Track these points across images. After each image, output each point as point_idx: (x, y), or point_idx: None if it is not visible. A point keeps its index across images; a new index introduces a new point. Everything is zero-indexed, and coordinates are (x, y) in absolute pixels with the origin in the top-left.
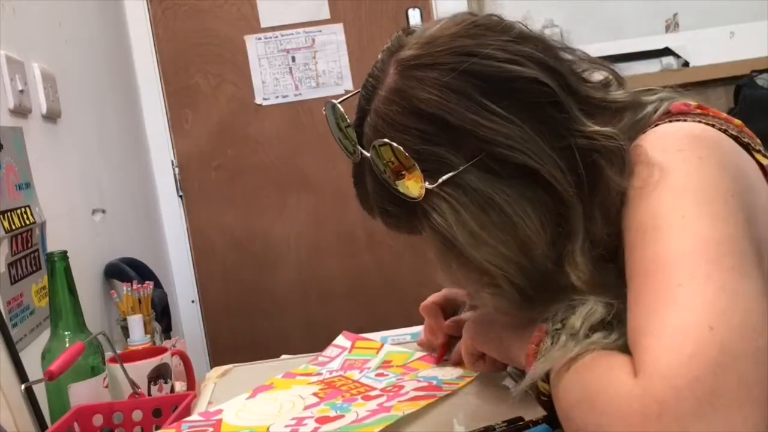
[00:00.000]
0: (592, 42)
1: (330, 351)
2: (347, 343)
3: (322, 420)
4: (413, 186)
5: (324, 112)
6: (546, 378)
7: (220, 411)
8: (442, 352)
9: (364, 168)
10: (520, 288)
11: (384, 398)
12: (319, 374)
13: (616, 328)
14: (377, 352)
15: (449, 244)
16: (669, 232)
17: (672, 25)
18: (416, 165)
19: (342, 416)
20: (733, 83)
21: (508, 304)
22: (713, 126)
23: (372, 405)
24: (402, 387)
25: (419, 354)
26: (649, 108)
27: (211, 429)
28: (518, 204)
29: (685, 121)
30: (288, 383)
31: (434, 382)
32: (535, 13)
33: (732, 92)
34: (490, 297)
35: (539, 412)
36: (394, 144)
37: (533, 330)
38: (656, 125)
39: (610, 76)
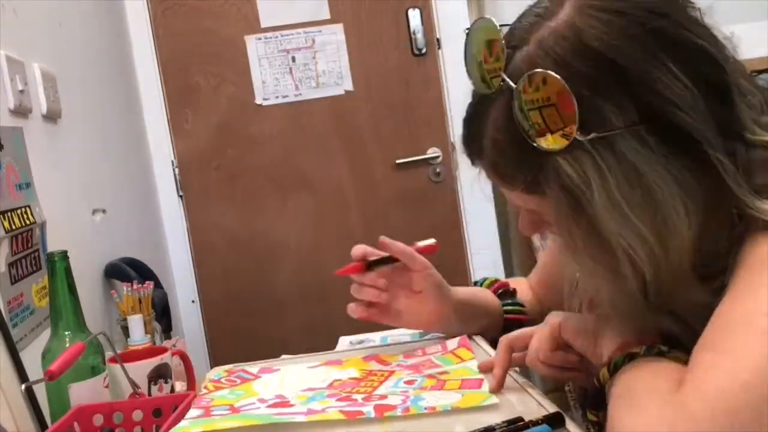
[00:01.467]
0: None
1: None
2: (450, 346)
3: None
4: (562, 136)
5: (465, 31)
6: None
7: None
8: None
9: (492, 102)
10: (643, 285)
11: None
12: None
13: None
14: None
15: (580, 208)
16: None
17: None
18: (576, 109)
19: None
20: None
21: (624, 301)
22: None
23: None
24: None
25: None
26: None
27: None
28: (669, 185)
29: None
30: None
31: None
32: None
33: None
34: (606, 286)
35: (539, 413)
36: (556, 76)
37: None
38: None
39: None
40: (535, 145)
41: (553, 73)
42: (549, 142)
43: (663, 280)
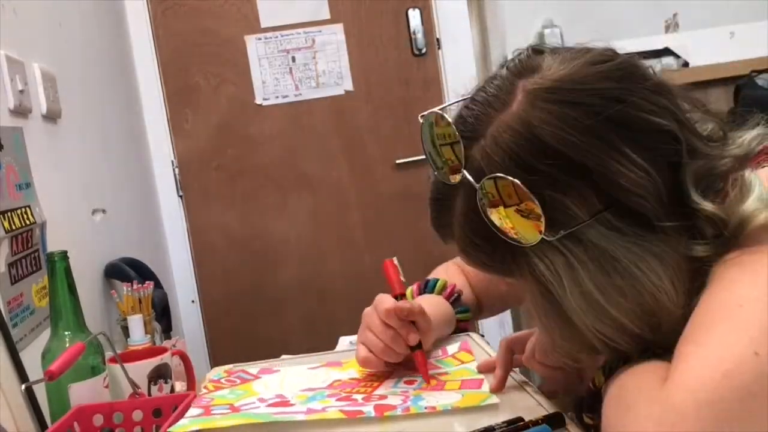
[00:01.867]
0: (591, 42)
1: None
2: (451, 350)
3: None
4: (530, 232)
5: (420, 121)
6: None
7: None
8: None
9: (456, 193)
10: (628, 351)
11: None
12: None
13: None
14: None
15: (554, 301)
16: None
17: (672, 26)
18: (541, 212)
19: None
20: (732, 83)
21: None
22: None
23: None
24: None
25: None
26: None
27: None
28: (648, 262)
29: None
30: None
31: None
32: (535, 13)
33: (732, 92)
34: (586, 356)
35: (539, 413)
36: (519, 183)
37: None
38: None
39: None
40: (506, 239)
41: (515, 180)
42: (526, 238)
43: (657, 342)
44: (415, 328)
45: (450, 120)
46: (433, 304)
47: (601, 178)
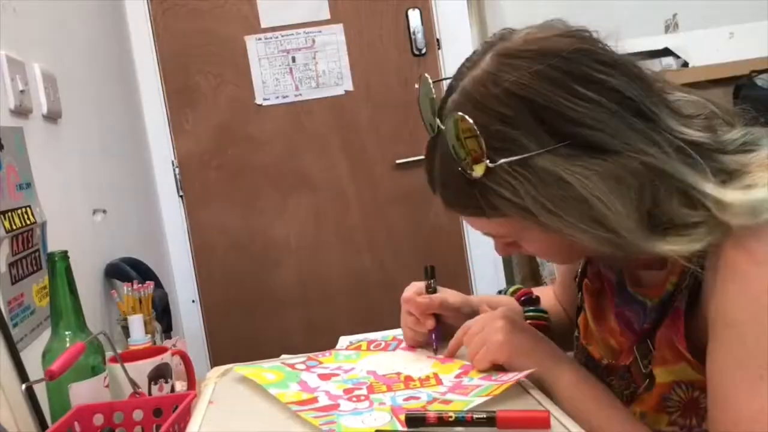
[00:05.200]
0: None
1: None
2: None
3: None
4: (479, 164)
5: (416, 86)
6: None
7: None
8: (438, 337)
9: (437, 142)
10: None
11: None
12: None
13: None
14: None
15: (525, 220)
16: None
17: (671, 26)
18: (483, 142)
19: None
20: (732, 83)
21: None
22: None
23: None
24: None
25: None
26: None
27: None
28: (596, 186)
29: None
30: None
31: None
32: (536, 13)
33: (731, 92)
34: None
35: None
36: (467, 118)
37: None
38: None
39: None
40: (465, 174)
41: (463, 115)
42: (474, 171)
43: (623, 245)
44: (432, 316)
45: (431, 82)
46: (495, 300)
47: (552, 115)
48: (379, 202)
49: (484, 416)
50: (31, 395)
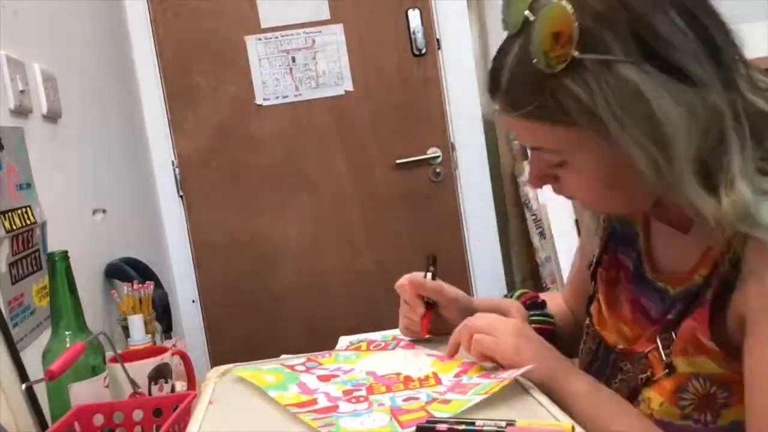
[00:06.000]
0: None
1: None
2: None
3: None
4: (563, 55)
5: None
6: None
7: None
8: (426, 324)
9: (514, 40)
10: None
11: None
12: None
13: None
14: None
15: (589, 123)
16: None
17: None
18: (577, 35)
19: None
20: None
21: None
22: None
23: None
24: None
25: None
26: None
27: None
28: (668, 103)
29: None
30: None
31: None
32: None
33: None
34: (621, 197)
35: (539, 413)
36: (566, 5)
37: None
38: None
39: None
40: (547, 69)
41: (562, 3)
42: (555, 64)
43: (670, 181)
44: (422, 301)
45: None
46: (495, 303)
47: (644, 28)
48: (379, 202)
49: (494, 428)
50: (31, 395)
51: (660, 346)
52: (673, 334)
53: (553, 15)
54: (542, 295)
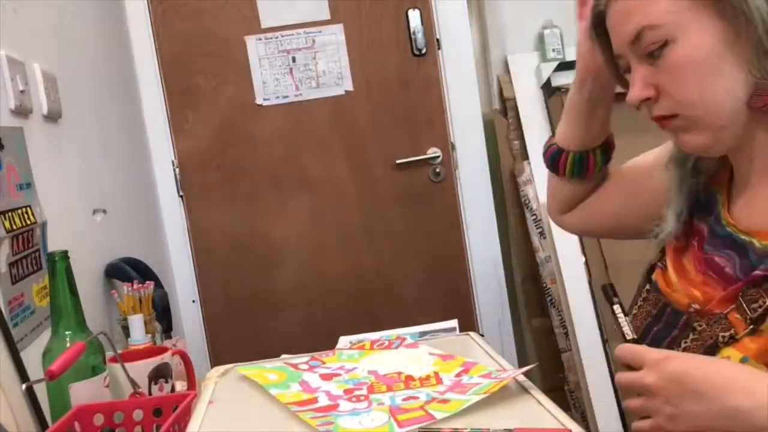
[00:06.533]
0: None
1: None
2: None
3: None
4: None
5: None
6: None
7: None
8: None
9: None
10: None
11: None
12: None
13: None
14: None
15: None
16: None
17: None
18: None
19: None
20: None
21: (728, 108)
22: None
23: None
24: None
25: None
26: None
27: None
28: None
29: None
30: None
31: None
32: (536, 13)
33: None
34: (717, 93)
35: (540, 414)
36: None
37: None
38: None
39: None
40: None
41: None
42: None
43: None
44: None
45: None
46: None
47: None
48: (379, 202)
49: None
50: (31, 395)
51: (744, 304)
52: (761, 291)
53: None
54: None
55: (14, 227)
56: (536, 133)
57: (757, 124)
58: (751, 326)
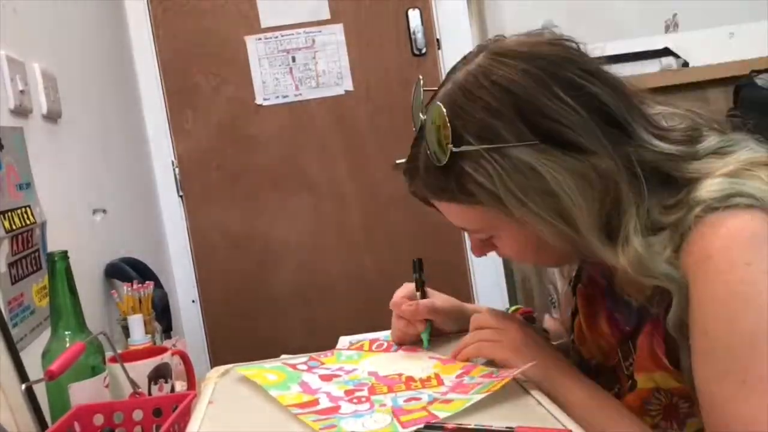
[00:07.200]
0: (591, 42)
1: None
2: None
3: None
4: (443, 149)
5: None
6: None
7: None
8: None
9: (422, 133)
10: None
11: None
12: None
13: None
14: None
15: (496, 204)
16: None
17: (671, 26)
18: (462, 126)
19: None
20: (732, 84)
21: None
22: None
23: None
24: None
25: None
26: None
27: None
28: (562, 176)
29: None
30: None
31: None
32: (536, 13)
33: (731, 93)
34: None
35: (539, 413)
36: (441, 105)
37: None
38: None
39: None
40: (440, 159)
41: (438, 103)
42: (447, 155)
43: (580, 245)
44: (421, 322)
45: (422, 84)
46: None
47: (533, 111)
48: (379, 202)
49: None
50: (31, 395)
51: (621, 358)
52: (631, 346)
53: (437, 115)
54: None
55: (14, 227)
56: None
57: None
58: (630, 381)
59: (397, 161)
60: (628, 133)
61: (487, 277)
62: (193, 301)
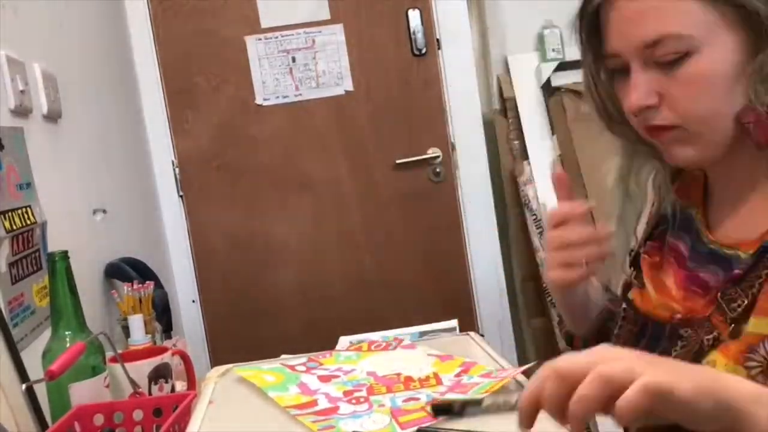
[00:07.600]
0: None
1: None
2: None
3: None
4: None
5: None
6: None
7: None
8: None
9: None
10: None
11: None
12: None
13: None
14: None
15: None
16: None
17: None
18: None
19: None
20: None
21: (715, 119)
22: None
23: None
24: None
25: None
26: None
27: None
28: None
29: None
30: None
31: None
32: (536, 13)
33: None
34: (708, 102)
35: None
36: None
37: None
38: None
39: None
40: None
41: None
42: None
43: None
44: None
45: None
46: None
47: None
48: (379, 202)
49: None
50: (31, 395)
51: (723, 304)
52: (739, 290)
53: None
54: None
55: (14, 227)
56: (536, 134)
57: (738, 140)
58: (732, 326)
59: (397, 161)
60: None
61: (487, 277)
62: (193, 301)
